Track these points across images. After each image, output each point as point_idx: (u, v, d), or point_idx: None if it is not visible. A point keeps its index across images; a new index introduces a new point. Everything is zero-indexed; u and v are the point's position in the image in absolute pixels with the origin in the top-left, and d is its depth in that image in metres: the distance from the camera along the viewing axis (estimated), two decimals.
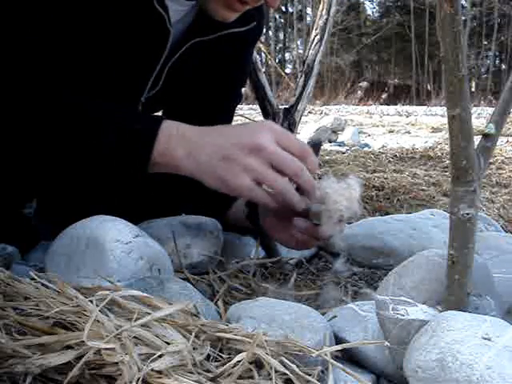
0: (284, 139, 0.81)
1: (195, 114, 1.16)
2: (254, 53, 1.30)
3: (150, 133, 0.79)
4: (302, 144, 0.83)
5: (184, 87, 1.09)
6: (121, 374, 0.44)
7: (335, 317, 0.65)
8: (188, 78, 1.06)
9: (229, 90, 1.18)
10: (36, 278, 0.59)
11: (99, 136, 0.78)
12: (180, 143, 0.79)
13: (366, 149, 3.80)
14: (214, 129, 0.82)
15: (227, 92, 1.18)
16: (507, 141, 3.88)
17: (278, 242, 0.97)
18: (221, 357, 0.51)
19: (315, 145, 0.88)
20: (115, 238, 0.73)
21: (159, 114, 1.17)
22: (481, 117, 7.54)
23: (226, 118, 1.23)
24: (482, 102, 14.07)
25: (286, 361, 0.50)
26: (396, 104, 13.82)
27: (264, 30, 1.23)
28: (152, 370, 0.45)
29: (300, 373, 0.49)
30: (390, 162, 2.85)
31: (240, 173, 0.77)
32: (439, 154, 3.01)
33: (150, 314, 0.52)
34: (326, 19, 1.85)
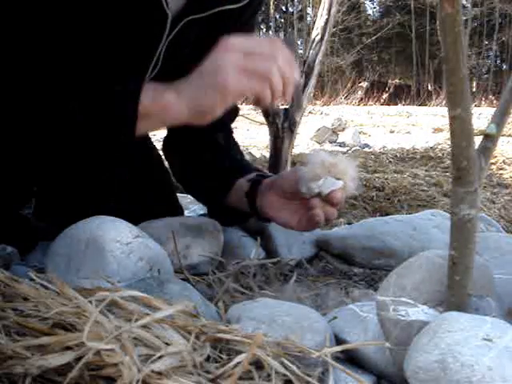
0: (251, 37, 0.83)
1: None
2: None
3: (135, 84, 0.80)
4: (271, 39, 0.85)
5: (185, 64, 1.09)
6: (120, 375, 0.44)
7: (335, 318, 0.65)
8: (187, 54, 1.06)
9: None
10: (35, 278, 0.59)
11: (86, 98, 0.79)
12: (167, 89, 0.80)
13: (366, 149, 3.80)
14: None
15: None
16: (508, 141, 3.88)
17: (276, 221, 0.98)
18: (221, 358, 0.51)
19: (289, 44, 0.88)
20: (115, 238, 0.72)
21: None
22: (482, 117, 7.52)
23: None
24: (483, 103, 14.05)
25: (286, 362, 0.50)
26: (396, 104, 13.80)
27: (264, 30, 1.23)
28: (152, 371, 0.45)
29: (300, 374, 0.49)
30: (390, 162, 2.85)
31: (223, 69, 0.78)
32: (440, 154, 3.01)
33: (149, 314, 0.52)
34: (327, 19, 1.85)
